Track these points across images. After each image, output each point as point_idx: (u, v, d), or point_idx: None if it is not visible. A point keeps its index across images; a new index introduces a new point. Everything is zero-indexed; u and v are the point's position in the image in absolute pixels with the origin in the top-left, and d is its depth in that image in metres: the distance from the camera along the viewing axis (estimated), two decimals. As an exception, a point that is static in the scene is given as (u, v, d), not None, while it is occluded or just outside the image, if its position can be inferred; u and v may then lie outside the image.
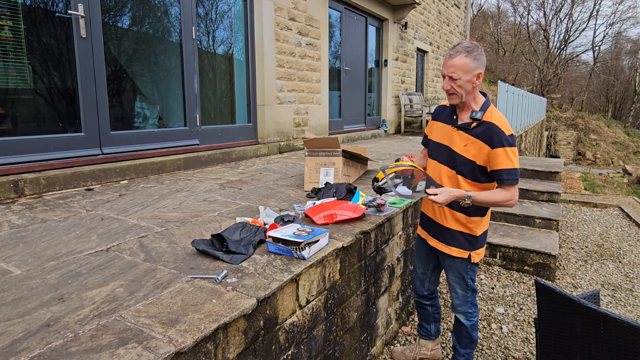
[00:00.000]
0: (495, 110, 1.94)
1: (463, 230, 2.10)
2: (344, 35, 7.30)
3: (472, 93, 1.92)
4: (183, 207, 2.68)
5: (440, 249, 2.21)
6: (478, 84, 1.89)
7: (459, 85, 1.87)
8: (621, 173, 20.28)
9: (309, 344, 1.85)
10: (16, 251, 1.88)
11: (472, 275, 2.21)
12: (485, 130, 1.89)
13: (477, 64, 1.85)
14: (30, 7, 3.13)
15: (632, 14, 48.10)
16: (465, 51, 1.83)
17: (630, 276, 4.46)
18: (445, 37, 12.78)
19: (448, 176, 2.04)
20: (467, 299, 2.25)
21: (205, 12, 4.64)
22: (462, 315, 2.29)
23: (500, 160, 1.87)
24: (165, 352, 1.12)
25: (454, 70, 1.85)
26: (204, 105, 4.67)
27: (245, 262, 1.75)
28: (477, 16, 33.35)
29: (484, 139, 1.89)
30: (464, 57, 1.83)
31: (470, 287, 2.22)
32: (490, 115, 1.91)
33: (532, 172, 6.05)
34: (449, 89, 1.90)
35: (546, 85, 31.86)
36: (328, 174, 3.18)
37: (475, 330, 2.32)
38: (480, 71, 1.87)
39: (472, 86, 1.88)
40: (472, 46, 1.86)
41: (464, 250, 2.13)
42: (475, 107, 1.95)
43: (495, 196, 1.92)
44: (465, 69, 1.84)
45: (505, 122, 1.90)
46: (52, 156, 3.23)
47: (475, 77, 1.87)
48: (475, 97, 1.95)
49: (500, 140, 1.85)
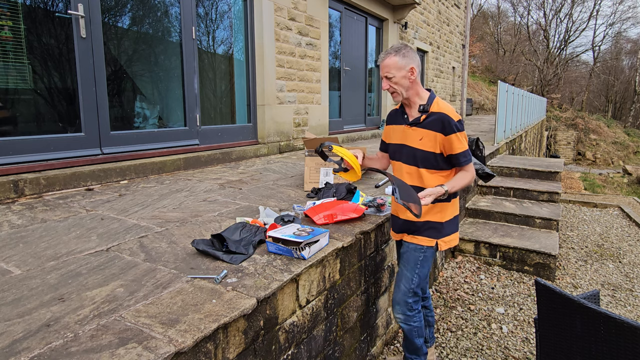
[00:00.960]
0: (440, 100, 2.06)
1: (428, 219, 2.09)
2: (344, 35, 7.30)
3: (413, 88, 2.03)
4: (183, 207, 2.68)
5: (408, 240, 2.14)
6: (414, 78, 2.00)
7: (395, 82, 1.99)
8: (621, 173, 20.28)
9: (309, 344, 1.85)
10: (16, 251, 1.88)
11: (420, 271, 2.10)
12: (435, 120, 1.99)
13: (407, 60, 1.98)
14: (30, 7, 3.13)
15: (632, 14, 48.21)
16: (393, 51, 1.99)
17: (630, 276, 4.46)
18: (445, 37, 12.78)
19: (408, 173, 2.10)
20: (407, 298, 2.11)
21: (205, 12, 4.64)
22: (399, 315, 2.15)
23: (455, 145, 1.98)
24: (165, 352, 1.12)
25: (387, 69, 1.99)
26: (204, 105, 4.67)
27: (245, 262, 1.75)
28: (477, 16, 33.34)
29: (436, 128, 1.99)
30: (393, 56, 1.97)
31: (413, 286, 2.10)
32: (437, 106, 2.02)
33: (532, 172, 6.05)
34: (388, 88, 2.03)
35: (546, 85, 31.86)
36: (328, 174, 3.18)
37: (417, 338, 2.18)
38: (412, 66, 1.99)
39: (408, 81, 2.00)
40: (400, 46, 2.02)
41: (431, 239, 2.09)
42: (421, 101, 2.05)
43: (464, 180, 2.03)
44: (396, 67, 1.97)
45: (452, 109, 2.03)
46: (52, 156, 3.23)
47: (409, 72, 1.98)
48: (418, 92, 2.05)
49: (452, 127, 1.96)
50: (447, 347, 2.95)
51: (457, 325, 3.24)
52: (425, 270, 2.13)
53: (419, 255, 2.11)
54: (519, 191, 5.52)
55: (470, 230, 4.74)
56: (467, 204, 5.23)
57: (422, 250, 2.10)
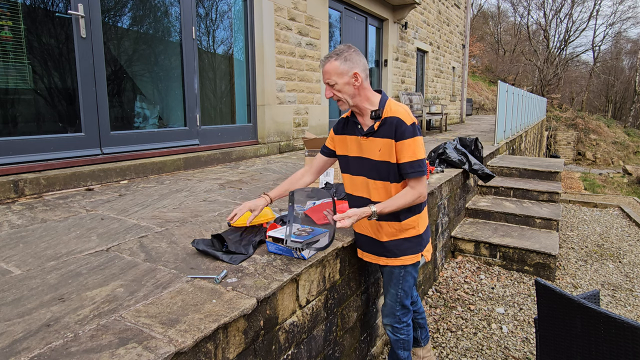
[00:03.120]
0: (393, 102, 1.86)
1: (405, 236, 1.97)
2: (344, 35, 7.30)
3: (360, 95, 1.83)
4: (183, 207, 2.68)
5: (392, 264, 2.01)
6: (359, 84, 1.79)
7: (338, 90, 1.79)
8: (621, 173, 20.28)
9: (309, 344, 1.85)
10: (16, 251, 1.88)
11: (404, 286, 2.03)
12: (388, 125, 1.81)
13: (350, 64, 1.76)
14: (30, 7, 3.13)
15: (632, 14, 48.18)
16: (334, 55, 1.77)
17: (630, 276, 4.46)
18: (445, 37, 12.79)
19: (375, 188, 1.92)
20: (395, 312, 2.08)
21: (205, 12, 4.64)
22: (388, 327, 2.13)
23: (403, 153, 1.79)
24: (165, 352, 1.12)
25: (328, 76, 1.78)
26: (204, 105, 4.67)
27: (245, 262, 1.75)
28: (477, 16, 33.35)
29: (389, 134, 1.81)
30: (333, 60, 1.75)
31: (400, 300, 2.05)
32: (390, 109, 1.82)
33: (532, 172, 6.05)
34: (332, 96, 1.83)
35: (546, 85, 31.87)
36: (328, 174, 3.18)
37: (402, 350, 2.13)
38: (356, 71, 1.77)
39: (353, 88, 1.79)
40: (342, 48, 1.79)
41: (416, 254, 1.99)
42: (372, 107, 1.85)
43: (403, 199, 1.82)
44: (337, 72, 1.76)
45: (405, 111, 1.82)
46: (52, 156, 3.23)
47: (352, 77, 1.77)
48: (368, 97, 1.85)
49: (403, 132, 1.77)
50: (447, 347, 2.95)
51: (457, 325, 3.24)
52: (409, 282, 2.05)
53: (400, 272, 2.02)
54: (519, 191, 5.52)
55: (470, 230, 4.74)
56: (467, 204, 5.23)
57: (402, 267, 2.00)
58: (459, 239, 4.57)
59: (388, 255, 2.00)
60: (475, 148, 5.14)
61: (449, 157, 4.66)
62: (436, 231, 3.90)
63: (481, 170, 4.86)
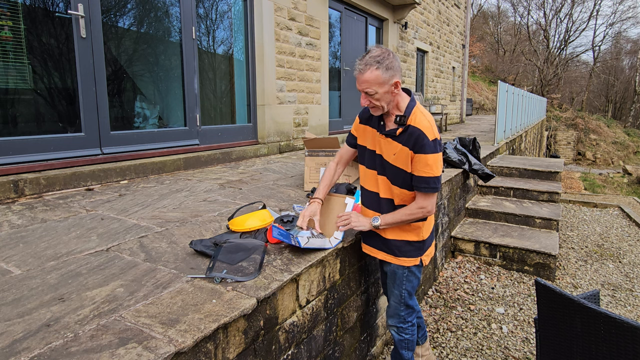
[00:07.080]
0: (419, 111, 1.81)
1: (409, 239, 1.97)
2: (344, 35, 7.30)
3: (394, 100, 1.79)
4: (183, 207, 2.68)
5: (390, 260, 2.04)
6: (397, 92, 1.76)
7: (377, 99, 1.73)
8: (621, 173, 20.28)
9: (309, 344, 1.85)
10: (16, 251, 1.88)
11: (407, 287, 2.04)
12: (409, 135, 1.78)
13: (391, 72, 1.69)
14: (30, 7, 3.13)
15: (632, 14, 48.08)
16: (375, 62, 1.67)
17: (630, 276, 4.46)
18: (445, 37, 12.78)
19: (384, 184, 1.94)
20: (399, 312, 2.10)
21: (205, 12, 4.64)
22: (392, 328, 2.15)
23: (420, 166, 1.77)
24: (165, 352, 1.12)
25: (368, 85, 1.70)
26: (204, 105, 4.67)
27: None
28: (477, 16, 33.35)
29: (409, 144, 1.78)
30: (375, 69, 1.67)
31: (404, 300, 2.07)
32: (415, 119, 1.78)
33: (532, 172, 6.05)
34: (368, 104, 1.78)
35: (546, 85, 31.87)
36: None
37: (405, 350, 2.14)
38: (397, 79, 1.71)
39: (391, 96, 1.75)
40: (381, 54, 1.69)
41: (415, 258, 2.01)
42: (399, 112, 1.82)
43: (409, 215, 1.84)
44: (379, 82, 1.68)
45: (430, 124, 1.78)
46: (52, 156, 3.23)
47: (393, 86, 1.72)
48: (398, 102, 1.81)
49: (422, 145, 1.74)
50: (447, 347, 2.95)
51: (457, 325, 3.24)
52: (413, 283, 2.07)
53: (404, 272, 2.04)
54: (519, 191, 5.52)
55: (470, 230, 4.74)
56: (467, 204, 5.23)
57: (406, 268, 2.03)
58: (459, 239, 4.57)
59: (388, 252, 2.04)
60: (473, 148, 5.15)
61: (449, 157, 4.66)
62: (436, 231, 3.90)
63: (481, 170, 4.86)
